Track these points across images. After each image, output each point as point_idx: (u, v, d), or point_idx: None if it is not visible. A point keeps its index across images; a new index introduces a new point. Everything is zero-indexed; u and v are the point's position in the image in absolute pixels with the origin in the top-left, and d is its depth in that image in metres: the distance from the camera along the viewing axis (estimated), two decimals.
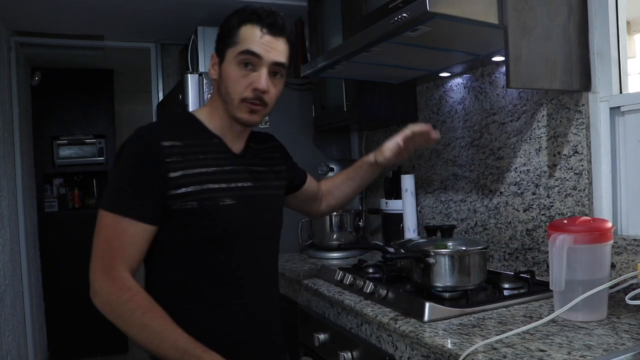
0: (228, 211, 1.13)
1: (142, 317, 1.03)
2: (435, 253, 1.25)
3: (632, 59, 1.44)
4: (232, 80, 1.12)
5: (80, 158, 4.12)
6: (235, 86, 1.12)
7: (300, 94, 2.41)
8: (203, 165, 1.12)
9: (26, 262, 3.09)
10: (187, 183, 1.08)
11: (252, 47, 1.10)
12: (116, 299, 1.04)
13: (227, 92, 1.13)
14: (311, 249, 2.20)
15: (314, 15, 2.24)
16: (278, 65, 1.14)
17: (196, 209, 1.08)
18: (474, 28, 1.26)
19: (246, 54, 1.11)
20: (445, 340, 1.01)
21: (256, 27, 1.11)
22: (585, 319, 1.07)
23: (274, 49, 1.12)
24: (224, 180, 1.14)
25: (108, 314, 1.06)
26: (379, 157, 1.42)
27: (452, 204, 1.89)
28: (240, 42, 1.11)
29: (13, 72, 2.98)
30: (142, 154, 1.08)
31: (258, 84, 1.11)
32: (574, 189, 1.39)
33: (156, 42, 3.28)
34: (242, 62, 1.11)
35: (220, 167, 1.15)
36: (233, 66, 1.12)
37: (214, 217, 1.11)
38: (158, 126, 1.17)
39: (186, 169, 1.09)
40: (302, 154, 2.36)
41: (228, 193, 1.13)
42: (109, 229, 1.06)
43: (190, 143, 1.13)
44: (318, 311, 1.57)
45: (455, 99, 1.85)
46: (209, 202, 1.10)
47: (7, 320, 2.64)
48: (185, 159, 1.10)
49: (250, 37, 1.11)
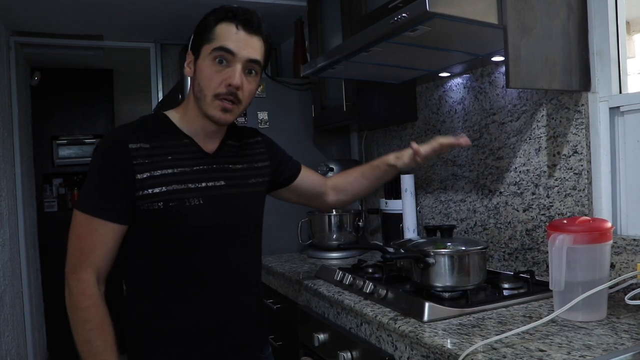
0: (194, 211, 1.14)
1: (88, 332, 1.09)
2: (434, 253, 1.25)
3: (632, 59, 1.44)
4: (206, 76, 1.12)
5: (79, 158, 4.11)
6: (209, 82, 1.12)
7: (300, 94, 2.41)
8: (170, 166, 1.13)
9: (25, 262, 3.09)
10: (154, 184, 1.10)
11: (226, 43, 1.11)
12: (76, 303, 1.09)
13: (200, 87, 1.14)
14: (311, 249, 2.20)
15: (314, 15, 2.24)
16: (252, 62, 1.14)
17: (162, 210, 1.10)
18: (473, 28, 1.26)
19: (220, 51, 1.11)
20: (444, 340, 1.01)
21: (231, 24, 1.12)
22: (584, 319, 1.07)
23: (248, 46, 1.13)
24: (191, 180, 1.15)
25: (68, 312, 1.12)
26: (399, 161, 1.42)
27: (451, 204, 1.89)
28: (215, 39, 1.12)
29: (12, 72, 2.98)
30: (111, 156, 1.10)
31: (232, 79, 1.11)
32: (574, 189, 1.39)
33: (156, 42, 3.28)
34: (217, 58, 1.12)
35: (189, 167, 1.16)
36: (207, 62, 1.12)
37: (179, 218, 1.12)
38: (128, 128, 1.16)
39: (153, 170, 1.11)
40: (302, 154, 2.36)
41: (195, 193, 1.14)
42: (81, 228, 1.09)
43: (159, 145, 1.14)
44: (318, 311, 1.57)
45: (454, 99, 1.85)
46: (175, 203, 1.11)
47: (7, 320, 2.64)
48: (152, 160, 1.11)
49: (226, 34, 1.12)
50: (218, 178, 1.19)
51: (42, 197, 3.99)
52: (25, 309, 3.08)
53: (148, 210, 1.10)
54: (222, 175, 1.20)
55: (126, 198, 1.09)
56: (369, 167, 1.51)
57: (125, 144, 1.10)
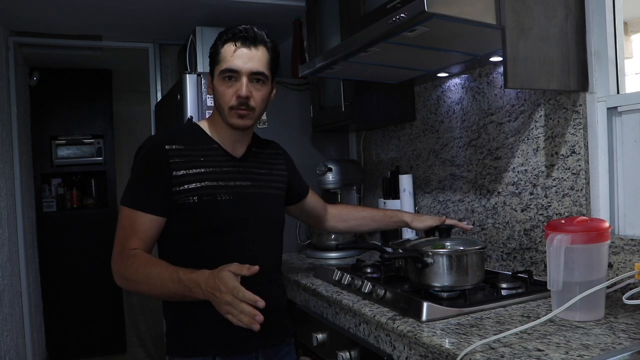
0: (225, 205, 1.27)
1: (143, 269, 1.17)
2: (433, 253, 1.26)
3: (629, 59, 1.44)
4: (221, 94, 1.29)
5: (78, 158, 4.11)
6: (224, 98, 1.29)
7: (298, 94, 2.41)
8: (203, 166, 1.28)
9: (24, 262, 3.09)
10: (189, 181, 1.25)
11: (229, 64, 1.26)
12: (125, 268, 1.20)
13: (219, 103, 1.31)
14: (309, 249, 2.20)
15: (312, 16, 2.25)
16: (256, 74, 1.28)
17: (196, 203, 1.25)
18: (471, 28, 1.26)
19: (226, 72, 1.27)
20: (443, 340, 1.02)
21: (231, 43, 1.27)
22: (582, 318, 1.08)
23: (250, 60, 1.27)
24: (221, 179, 1.29)
25: (126, 286, 1.21)
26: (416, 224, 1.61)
27: (450, 204, 1.89)
28: (221, 61, 1.28)
29: (11, 72, 2.97)
30: (150, 156, 1.27)
31: (240, 91, 1.27)
32: (572, 189, 1.40)
33: (154, 42, 3.28)
34: (225, 77, 1.28)
35: (219, 167, 1.31)
36: (219, 82, 1.29)
37: (211, 211, 1.26)
38: (165, 133, 1.37)
39: (188, 169, 1.26)
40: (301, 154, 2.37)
41: (225, 190, 1.28)
42: (124, 220, 1.25)
43: (192, 147, 1.30)
44: (316, 311, 1.57)
45: (453, 99, 1.85)
46: (208, 197, 1.26)
47: (6, 320, 2.64)
48: (187, 160, 1.27)
49: (228, 55, 1.27)
50: (245, 179, 1.34)
51: (41, 197, 3.98)
52: (24, 309, 3.08)
53: (183, 204, 1.25)
54: (248, 177, 1.35)
55: (164, 193, 1.24)
56: (382, 214, 1.69)
57: (163, 146, 1.26)
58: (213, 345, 1.26)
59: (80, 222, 4.08)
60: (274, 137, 1.48)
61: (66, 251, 3.92)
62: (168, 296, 1.19)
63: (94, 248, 3.96)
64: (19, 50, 3.17)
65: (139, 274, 1.17)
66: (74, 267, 3.91)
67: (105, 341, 4.03)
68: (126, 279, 1.20)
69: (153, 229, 1.25)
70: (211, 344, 1.26)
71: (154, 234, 1.26)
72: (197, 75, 2.22)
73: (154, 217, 1.24)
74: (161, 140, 1.28)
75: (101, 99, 4.18)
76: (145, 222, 1.23)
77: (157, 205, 1.24)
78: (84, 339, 3.96)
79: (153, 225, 1.24)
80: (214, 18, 2.66)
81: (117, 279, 1.23)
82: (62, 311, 3.86)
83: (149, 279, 1.16)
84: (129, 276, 1.19)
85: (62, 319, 3.86)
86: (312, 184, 2.35)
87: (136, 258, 1.20)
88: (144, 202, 1.24)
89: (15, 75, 3.01)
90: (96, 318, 3.98)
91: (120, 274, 1.21)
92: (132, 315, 5.00)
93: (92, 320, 3.97)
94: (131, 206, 1.24)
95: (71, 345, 3.90)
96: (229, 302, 1.05)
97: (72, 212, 4.18)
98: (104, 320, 4.01)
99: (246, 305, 1.03)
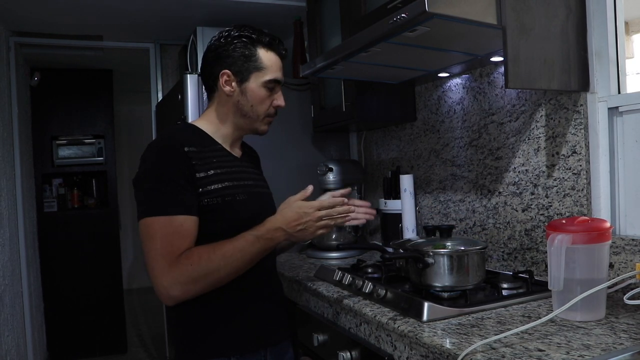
0: (243, 205, 1.27)
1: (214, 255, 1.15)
2: (433, 253, 1.25)
3: (631, 59, 1.44)
4: (259, 101, 1.31)
5: (79, 158, 4.12)
6: (262, 105, 1.32)
7: (299, 94, 2.41)
8: (217, 167, 1.26)
9: (25, 262, 3.09)
10: (211, 182, 1.23)
11: (277, 76, 1.32)
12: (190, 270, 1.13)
13: (254, 109, 1.32)
14: (310, 249, 2.20)
15: (313, 16, 2.25)
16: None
17: (220, 204, 1.22)
18: (472, 28, 1.26)
19: (274, 83, 1.31)
20: (444, 340, 1.01)
21: (276, 55, 1.32)
22: (583, 318, 1.07)
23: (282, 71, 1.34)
24: (235, 179, 1.29)
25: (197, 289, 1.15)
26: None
27: (450, 204, 1.89)
28: (267, 68, 1.30)
29: (12, 73, 2.98)
30: (173, 158, 1.20)
31: (280, 102, 1.34)
32: (573, 189, 1.40)
33: (155, 42, 3.28)
34: (269, 87, 1.31)
35: (229, 168, 1.30)
36: (261, 89, 1.30)
37: (233, 211, 1.25)
38: (178, 133, 1.29)
39: (207, 170, 1.23)
40: (301, 154, 2.38)
41: (241, 190, 1.29)
42: (165, 229, 1.14)
43: (202, 149, 1.26)
44: (317, 311, 1.57)
45: (454, 99, 1.85)
46: (229, 198, 1.24)
47: (7, 320, 2.64)
48: (203, 162, 1.24)
49: (275, 65, 1.31)
50: (248, 178, 1.35)
51: (42, 197, 3.99)
52: (25, 309, 3.08)
53: (208, 205, 1.21)
54: (249, 176, 1.36)
55: (193, 194, 1.19)
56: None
57: (182, 147, 1.21)
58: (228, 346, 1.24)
59: (81, 222, 4.09)
60: (275, 137, 1.50)
61: (67, 251, 3.93)
62: (251, 262, 1.20)
63: (94, 248, 3.96)
64: (20, 51, 3.17)
65: (213, 260, 1.14)
66: (74, 267, 3.92)
67: (105, 341, 4.03)
68: (195, 280, 1.14)
69: (197, 230, 1.19)
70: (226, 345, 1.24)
71: (196, 236, 1.19)
72: (197, 75, 2.22)
73: (195, 218, 1.18)
74: (179, 142, 1.22)
75: (102, 99, 4.19)
76: (192, 225, 1.17)
77: (193, 206, 1.18)
78: (85, 338, 3.96)
79: (196, 226, 1.18)
80: (215, 18, 2.66)
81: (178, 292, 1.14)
82: (63, 311, 3.87)
83: (226, 257, 1.16)
84: (200, 272, 1.13)
85: (63, 318, 3.86)
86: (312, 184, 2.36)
87: (196, 253, 1.15)
88: (185, 205, 1.16)
89: (16, 76, 3.01)
90: (97, 318, 3.99)
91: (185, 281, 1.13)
92: (132, 315, 5.01)
93: (92, 320, 3.98)
94: (169, 214, 1.14)
95: (72, 345, 3.91)
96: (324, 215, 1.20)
97: (73, 212, 4.18)
98: (104, 320, 4.02)
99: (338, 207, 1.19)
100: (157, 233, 1.14)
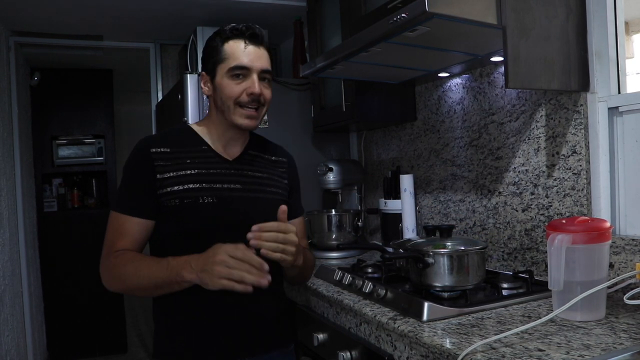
0: (207, 209, 1.24)
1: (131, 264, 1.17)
2: (434, 253, 1.25)
3: (631, 59, 1.44)
4: (227, 90, 1.26)
5: (79, 158, 4.12)
6: (231, 94, 1.26)
7: (299, 94, 2.41)
8: (188, 168, 1.26)
9: (25, 262, 3.09)
10: (172, 184, 1.24)
11: (239, 61, 1.25)
12: (112, 266, 1.19)
13: (223, 101, 1.27)
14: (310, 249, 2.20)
15: (313, 16, 2.25)
16: (265, 72, 1.28)
17: (178, 206, 1.22)
18: (472, 28, 1.26)
19: (236, 69, 1.25)
20: (444, 340, 1.01)
21: (239, 41, 1.26)
22: (583, 318, 1.07)
23: (259, 58, 1.27)
24: (206, 181, 1.26)
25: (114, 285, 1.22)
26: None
27: (450, 204, 1.89)
28: (228, 58, 1.25)
29: (12, 72, 2.97)
30: (136, 160, 1.27)
31: (253, 89, 1.25)
32: (573, 189, 1.40)
33: (155, 42, 3.28)
34: (234, 75, 1.25)
35: (205, 169, 1.28)
36: (226, 80, 1.26)
37: (193, 214, 1.23)
38: (152, 137, 1.34)
39: (172, 172, 1.24)
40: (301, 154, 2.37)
41: (209, 193, 1.25)
42: (113, 224, 1.25)
43: (179, 150, 1.28)
44: (317, 311, 1.57)
45: (454, 99, 1.85)
46: (189, 200, 1.23)
47: (7, 320, 2.64)
48: (172, 163, 1.25)
49: (236, 52, 1.25)
50: (234, 182, 1.30)
51: (42, 197, 3.99)
52: (25, 309, 3.08)
53: (167, 207, 1.23)
54: (239, 180, 1.31)
55: (149, 195, 1.23)
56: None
57: (148, 149, 1.25)
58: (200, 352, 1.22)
59: (81, 222, 4.09)
60: (275, 137, 1.48)
61: (67, 251, 3.93)
62: (156, 286, 1.15)
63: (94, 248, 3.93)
64: (20, 50, 3.17)
65: (127, 268, 1.17)
66: (74, 267, 3.92)
67: (105, 341, 4.03)
68: (113, 277, 1.20)
69: (141, 232, 1.24)
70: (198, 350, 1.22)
71: (141, 237, 1.25)
72: (198, 75, 2.22)
73: (140, 220, 1.23)
74: (147, 144, 1.27)
75: (102, 99, 4.19)
76: (132, 226, 1.23)
77: (143, 208, 1.23)
78: (85, 338, 3.96)
79: (140, 228, 1.24)
80: (215, 18, 2.66)
81: (104, 281, 1.22)
82: (63, 311, 3.87)
83: (138, 271, 1.15)
84: (116, 273, 1.19)
85: (63, 318, 3.87)
86: (313, 184, 2.37)
87: (124, 255, 1.19)
88: (130, 205, 1.23)
89: (16, 75, 3.01)
90: (97, 318, 3.99)
91: (107, 274, 1.21)
92: (132, 315, 5.00)
93: (92, 319, 3.98)
94: (118, 210, 1.24)
95: (72, 344, 3.91)
96: (224, 261, 1.05)
97: (73, 212, 4.18)
98: (104, 320, 4.02)
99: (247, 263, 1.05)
100: (109, 225, 1.25)
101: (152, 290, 1.18)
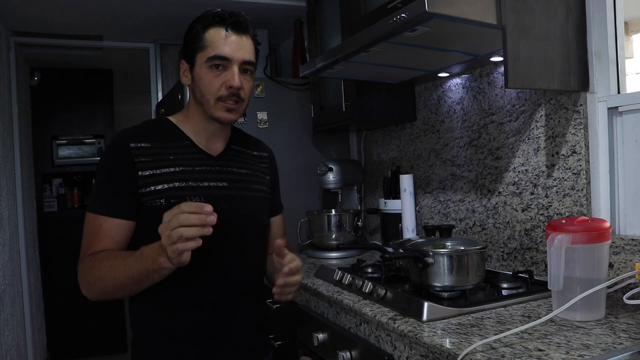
0: None
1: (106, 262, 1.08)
2: (433, 253, 1.25)
3: (630, 59, 1.44)
4: (206, 82, 1.17)
5: (79, 158, 4.12)
6: (210, 87, 1.17)
7: (299, 94, 2.41)
8: (172, 165, 1.17)
9: (25, 262, 3.09)
10: (156, 182, 1.14)
11: (220, 51, 1.15)
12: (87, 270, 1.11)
13: (202, 93, 1.18)
14: (310, 249, 2.21)
15: (313, 16, 2.25)
16: (247, 63, 1.18)
17: (164, 206, 1.10)
18: (472, 28, 1.26)
19: (215, 59, 1.15)
20: (443, 339, 1.02)
21: (221, 28, 1.16)
22: (583, 318, 1.08)
23: (241, 47, 1.17)
24: (193, 179, 1.18)
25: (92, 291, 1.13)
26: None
27: (450, 204, 1.89)
28: (208, 46, 1.16)
29: (12, 72, 2.97)
30: (113, 156, 1.16)
31: (232, 82, 1.15)
32: (572, 189, 1.40)
33: (155, 42, 3.28)
34: (213, 65, 1.16)
35: (191, 167, 1.19)
36: (204, 70, 1.17)
37: None
38: (129, 130, 1.21)
39: (155, 169, 1.15)
40: (301, 155, 2.38)
41: (197, 192, 1.17)
42: (89, 226, 1.16)
43: (160, 145, 1.19)
44: (317, 311, 1.57)
45: (453, 99, 1.85)
46: (176, 200, 1.12)
47: (7, 320, 2.64)
48: (154, 159, 1.16)
49: (217, 40, 1.15)
50: (220, 179, 1.22)
51: (42, 197, 3.99)
52: (25, 309, 3.08)
53: (151, 207, 1.13)
54: (224, 177, 1.23)
55: (129, 195, 1.13)
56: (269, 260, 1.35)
57: (127, 144, 1.15)
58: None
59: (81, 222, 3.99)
60: (275, 137, 1.47)
61: (67, 251, 3.90)
62: (135, 280, 1.04)
63: None
64: (20, 50, 3.17)
65: (102, 268, 1.07)
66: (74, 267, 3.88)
67: (105, 341, 4.03)
68: (89, 282, 1.10)
69: (121, 234, 1.14)
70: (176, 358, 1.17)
71: (121, 238, 1.14)
72: None
73: (121, 221, 1.13)
74: (125, 138, 1.16)
75: (102, 99, 4.19)
76: (111, 227, 1.13)
77: (123, 208, 1.13)
78: (85, 338, 3.96)
79: (121, 229, 1.14)
80: None
81: (82, 289, 1.13)
82: (63, 311, 3.86)
83: (113, 268, 1.06)
84: (91, 278, 1.09)
85: (63, 318, 3.86)
86: (313, 184, 2.37)
87: (97, 256, 1.10)
88: (109, 206, 1.13)
89: (16, 75, 3.01)
90: (97, 318, 3.98)
91: (83, 280, 1.12)
92: None
93: (92, 319, 3.98)
94: (95, 211, 1.14)
95: (72, 344, 3.91)
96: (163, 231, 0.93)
97: (73, 212, 4.18)
98: (104, 319, 4.02)
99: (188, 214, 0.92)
100: (85, 227, 1.16)
101: (132, 286, 1.06)
